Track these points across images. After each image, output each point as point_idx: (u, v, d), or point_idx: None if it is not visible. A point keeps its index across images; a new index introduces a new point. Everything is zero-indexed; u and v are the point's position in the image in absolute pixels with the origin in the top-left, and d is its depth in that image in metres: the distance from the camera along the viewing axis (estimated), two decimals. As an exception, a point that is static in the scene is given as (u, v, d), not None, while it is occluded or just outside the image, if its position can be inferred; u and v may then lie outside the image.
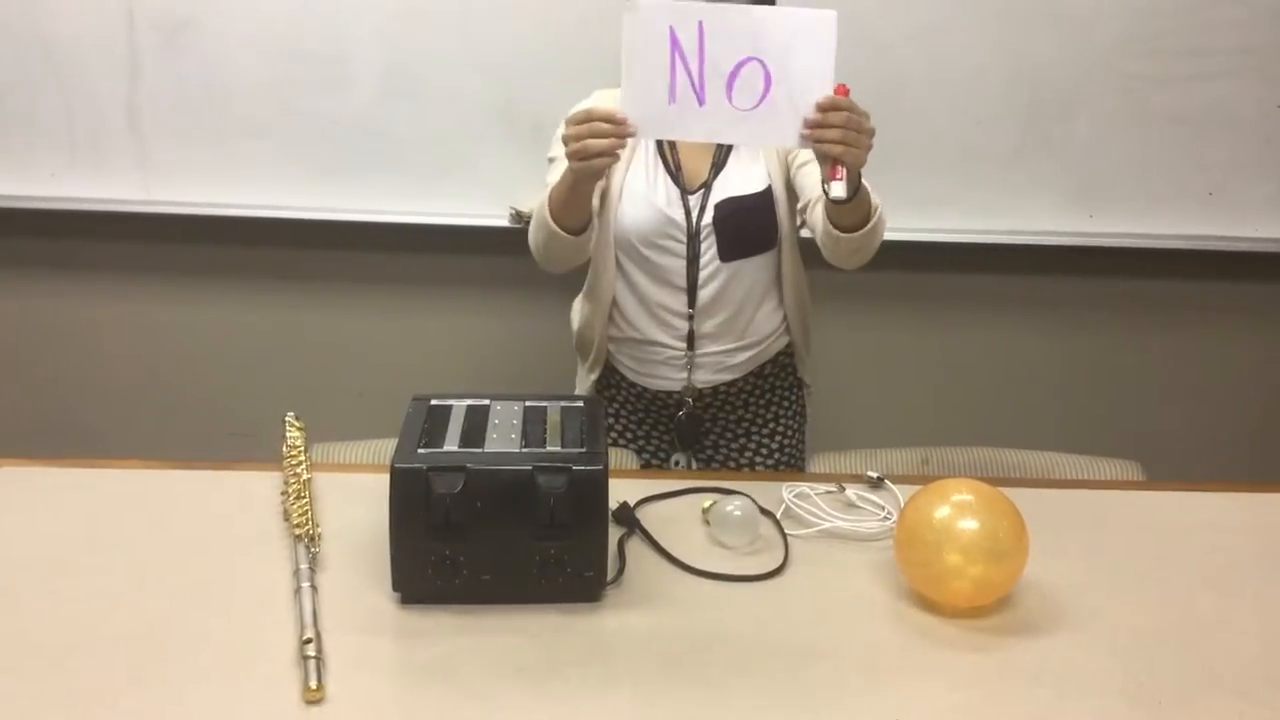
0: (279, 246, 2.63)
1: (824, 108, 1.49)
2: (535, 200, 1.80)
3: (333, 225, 2.55)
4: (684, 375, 1.89)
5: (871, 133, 1.52)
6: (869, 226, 1.64)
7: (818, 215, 1.71)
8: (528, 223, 2.47)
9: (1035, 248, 2.61)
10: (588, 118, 1.53)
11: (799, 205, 1.84)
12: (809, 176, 1.76)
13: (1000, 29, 2.46)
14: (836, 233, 1.65)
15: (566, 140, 1.56)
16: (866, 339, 2.68)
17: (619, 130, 1.51)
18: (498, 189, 2.52)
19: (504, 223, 2.54)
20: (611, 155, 1.54)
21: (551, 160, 1.82)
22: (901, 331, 2.72)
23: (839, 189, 1.52)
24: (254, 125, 2.48)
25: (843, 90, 1.49)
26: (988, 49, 2.47)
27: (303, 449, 1.62)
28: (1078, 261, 2.67)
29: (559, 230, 1.71)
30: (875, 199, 1.65)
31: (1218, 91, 2.51)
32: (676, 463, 1.97)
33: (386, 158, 2.51)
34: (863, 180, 1.59)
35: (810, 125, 1.49)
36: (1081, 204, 2.59)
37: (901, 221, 2.48)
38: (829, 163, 1.52)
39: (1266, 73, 2.50)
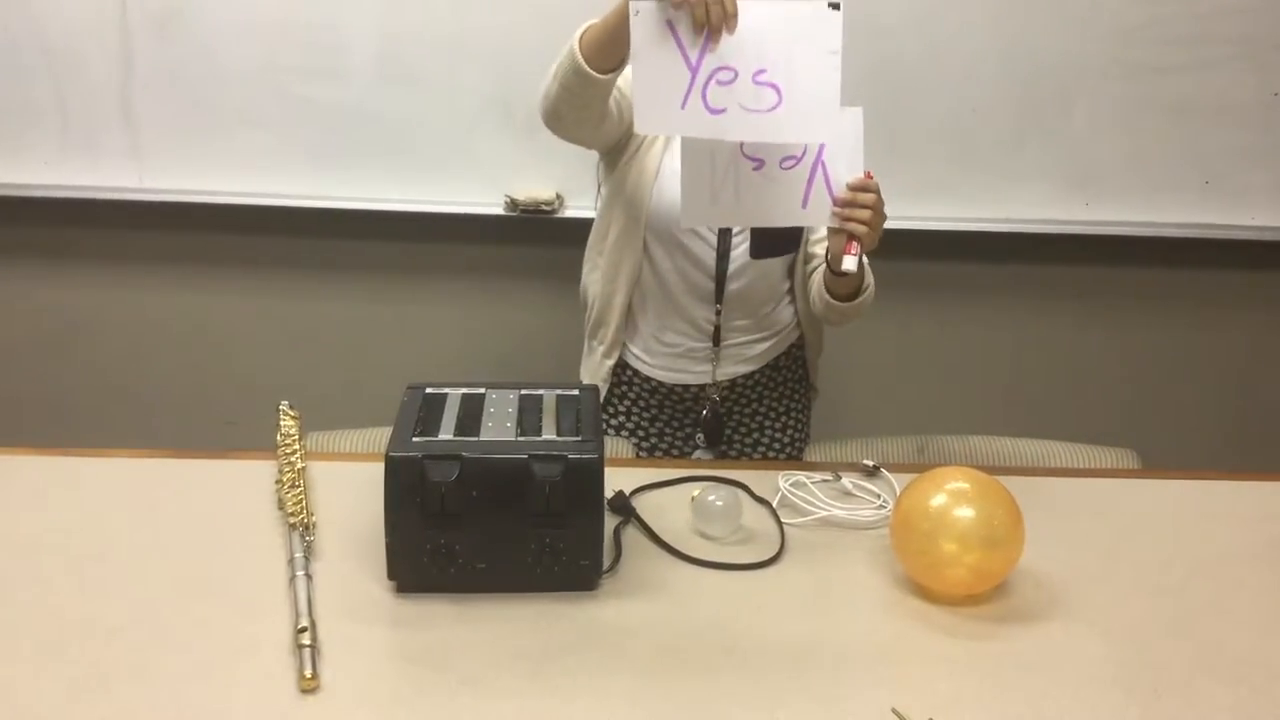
0: (272, 235, 2.63)
1: (855, 188, 1.56)
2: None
3: (327, 213, 2.54)
4: (707, 368, 1.89)
5: (885, 217, 1.60)
6: (860, 300, 1.74)
7: (815, 280, 1.80)
8: (523, 211, 2.51)
9: (1031, 236, 2.61)
10: None
11: (807, 237, 1.86)
12: (818, 244, 1.82)
13: (997, 16, 2.45)
14: (830, 299, 1.74)
15: None
16: (862, 328, 2.66)
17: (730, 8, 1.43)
18: (493, 177, 2.51)
19: (499, 211, 2.53)
20: (697, 6, 1.40)
21: None
22: (897, 320, 2.72)
23: (851, 263, 1.59)
24: (247, 113, 2.47)
25: (867, 175, 1.57)
26: (984, 36, 2.47)
27: (297, 437, 1.61)
28: (1074, 250, 2.67)
29: (580, 57, 1.53)
30: (869, 277, 1.74)
31: (1215, 80, 2.51)
32: (698, 458, 1.96)
33: (381, 145, 2.50)
34: (865, 263, 1.69)
35: (841, 204, 1.57)
36: (1078, 192, 2.59)
37: (896, 209, 2.47)
38: (845, 238, 1.58)
39: (1263, 61, 2.50)
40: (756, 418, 1.98)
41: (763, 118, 1.46)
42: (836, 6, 1.46)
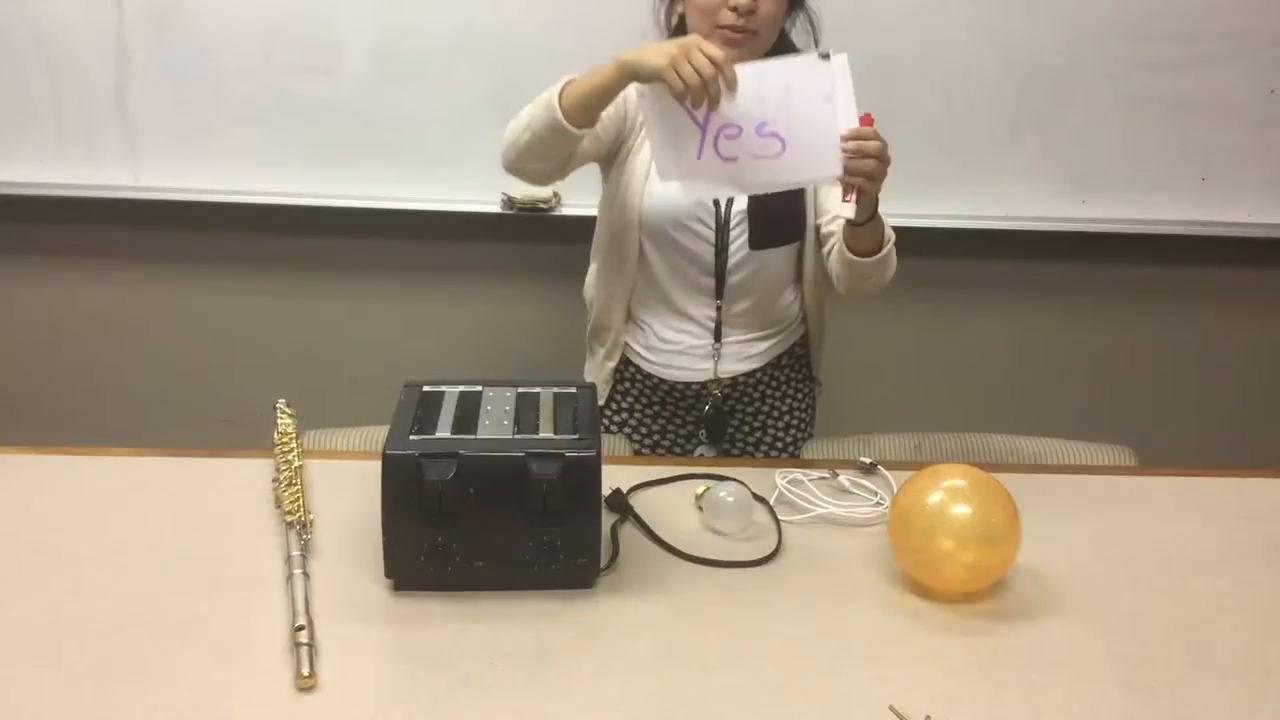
0: (269, 233, 2.62)
1: (854, 137, 1.53)
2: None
3: (323, 211, 2.54)
4: (709, 365, 1.88)
5: (889, 161, 1.56)
6: (882, 254, 1.71)
7: (834, 254, 1.78)
8: (520, 209, 2.51)
9: (1028, 233, 2.61)
10: (717, 60, 1.46)
11: (818, 223, 1.86)
12: (829, 197, 1.80)
13: (993, 13, 2.46)
14: (851, 256, 1.71)
15: (691, 49, 1.46)
16: (859, 325, 2.68)
17: (718, 78, 1.47)
18: (489, 175, 2.46)
19: (496, 209, 2.53)
20: (697, 91, 1.46)
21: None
22: (894, 317, 2.72)
23: (850, 210, 1.58)
24: (243, 111, 2.47)
25: (868, 119, 1.55)
26: (981, 33, 2.47)
27: (294, 436, 1.61)
28: (1070, 247, 2.67)
29: (565, 123, 1.59)
30: (889, 231, 1.72)
31: (1211, 76, 2.51)
32: (701, 455, 1.96)
33: (377, 143, 2.50)
34: (879, 210, 1.66)
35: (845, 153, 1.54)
36: (1074, 189, 2.59)
37: (894, 207, 2.48)
38: (848, 186, 1.56)
39: (1260, 58, 2.50)
40: (759, 416, 1.98)
41: (771, 163, 1.55)
42: (826, 56, 1.53)
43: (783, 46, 1.79)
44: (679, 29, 1.81)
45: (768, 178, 1.56)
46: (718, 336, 1.87)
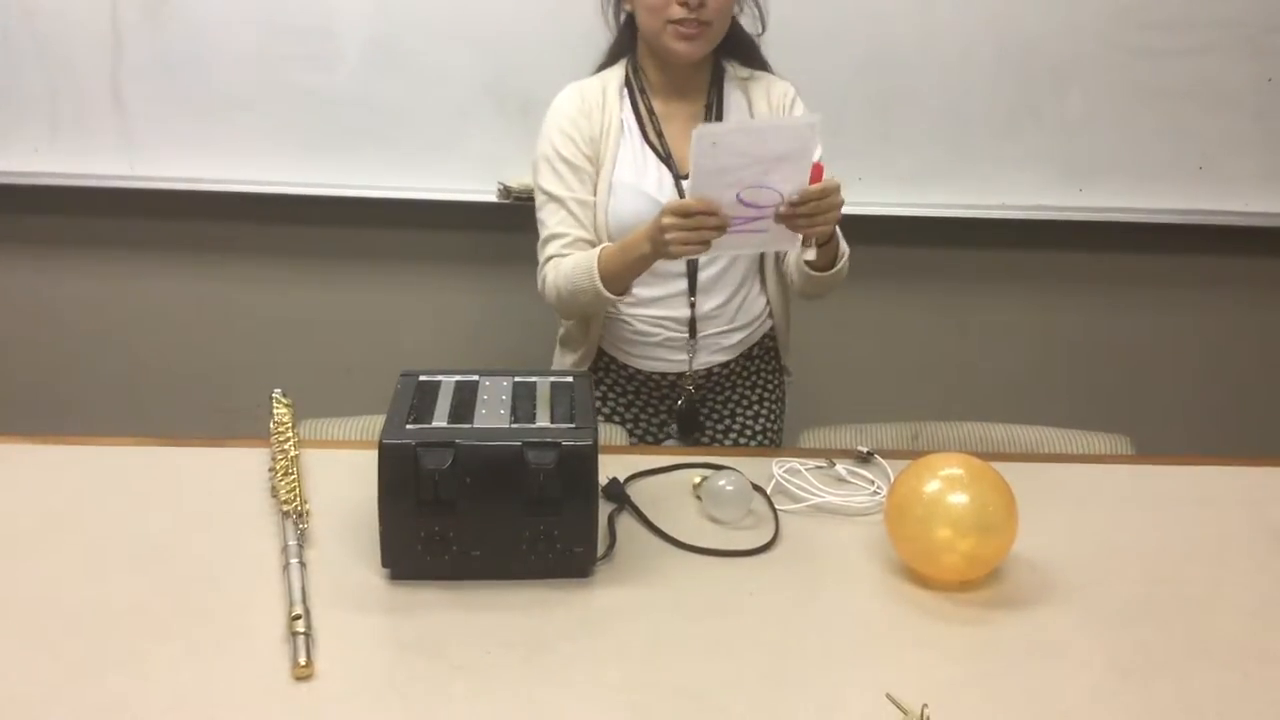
0: (264, 222, 2.62)
1: (802, 200, 1.51)
2: (565, 264, 1.75)
3: (319, 200, 2.54)
4: (684, 357, 1.88)
5: (840, 204, 1.55)
6: (835, 269, 1.76)
7: (791, 259, 1.83)
8: (516, 198, 2.50)
9: (1025, 222, 2.61)
10: (690, 211, 1.51)
11: None
12: None
13: (990, 2, 2.45)
14: (809, 271, 1.76)
15: (668, 229, 1.52)
16: (856, 314, 2.68)
17: (718, 223, 1.51)
18: (486, 163, 2.50)
19: (492, 198, 2.53)
20: (705, 245, 1.55)
21: (544, 194, 1.81)
22: (891, 306, 2.72)
23: (810, 253, 1.69)
24: (238, 100, 2.46)
25: (818, 169, 1.52)
26: (979, 22, 2.46)
27: (290, 425, 1.61)
28: (1068, 236, 2.67)
29: (608, 294, 1.70)
30: (844, 247, 1.76)
31: (1208, 65, 2.51)
32: (668, 440, 1.97)
33: (373, 132, 2.49)
34: (837, 230, 1.70)
35: (802, 212, 1.52)
36: (1071, 178, 2.59)
37: (890, 196, 2.49)
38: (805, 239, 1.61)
39: (1257, 46, 2.50)
40: (729, 405, 1.98)
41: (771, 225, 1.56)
42: (813, 125, 1.50)
43: (734, 35, 1.80)
44: (628, 27, 1.83)
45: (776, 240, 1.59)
46: (692, 333, 1.87)
